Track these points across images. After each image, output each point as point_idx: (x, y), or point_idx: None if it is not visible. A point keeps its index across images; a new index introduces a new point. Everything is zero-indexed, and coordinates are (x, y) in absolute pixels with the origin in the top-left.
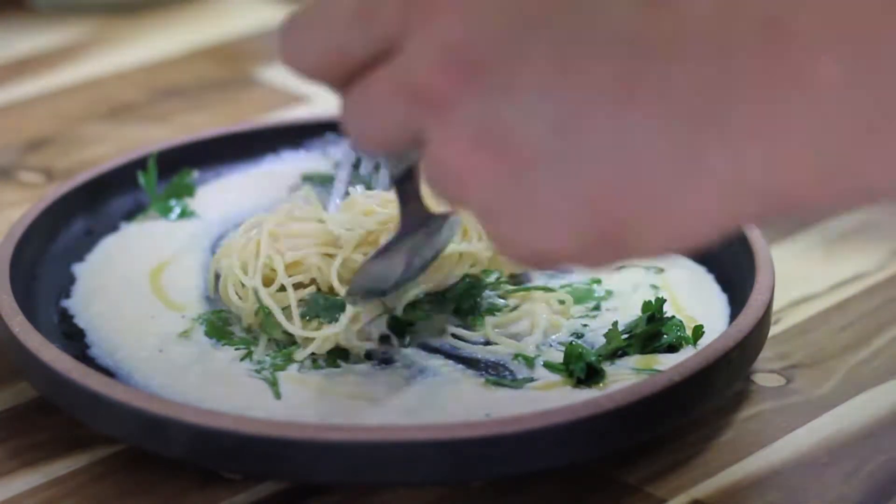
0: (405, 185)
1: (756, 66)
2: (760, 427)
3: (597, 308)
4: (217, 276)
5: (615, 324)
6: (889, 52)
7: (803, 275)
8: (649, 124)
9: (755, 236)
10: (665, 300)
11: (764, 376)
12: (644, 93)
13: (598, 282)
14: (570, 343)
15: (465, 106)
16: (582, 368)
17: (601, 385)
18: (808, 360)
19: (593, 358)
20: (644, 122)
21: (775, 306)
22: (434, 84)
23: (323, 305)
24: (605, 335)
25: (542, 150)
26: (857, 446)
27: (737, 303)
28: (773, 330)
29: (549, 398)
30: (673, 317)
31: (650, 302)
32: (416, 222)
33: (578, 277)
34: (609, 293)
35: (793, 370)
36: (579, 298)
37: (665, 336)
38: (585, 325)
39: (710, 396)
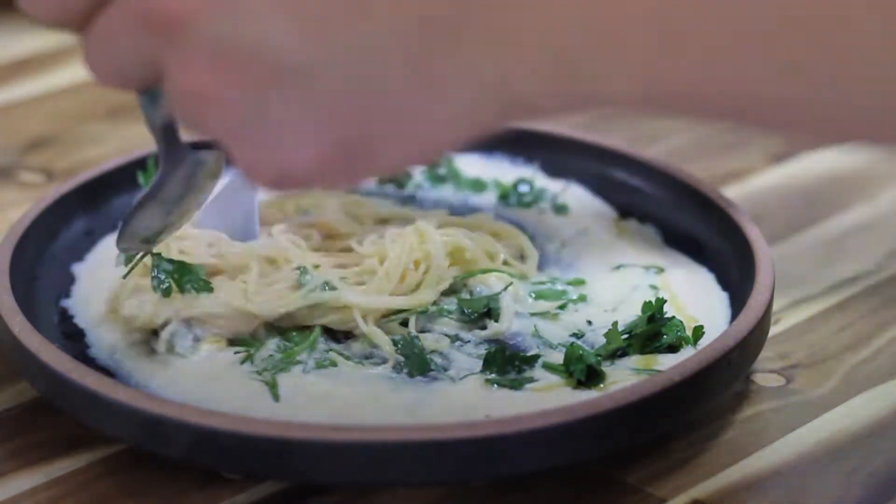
0: (165, 131)
1: None
2: (760, 427)
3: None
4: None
5: (615, 324)
6: None
7: (803, 275)
8: (383, 35)
9: (755, 236)
10: (665, 300)
11: (764, 376)
12: (378, 4)
13: (582, 282)
14: (571, 344)
15: (200, 28)
16: (582, 370)
17: (601, 387)
18: (808, 360)
19: (594, 359)
20: (378, 34)
21: (775, 306)
22: (167, 8)
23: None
24: (605, 335)
25: (278, 68)
26: (857, 446)
27: (737, 303)
28: (773, 330)
29: (549, 399)
30: (673, 317)
31: (650, 302)
32: (177, 165)
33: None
34: (583, 297)
35: (793, 370)
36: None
37: (665, 336)
38: (590, 323)
39: (710, 396)
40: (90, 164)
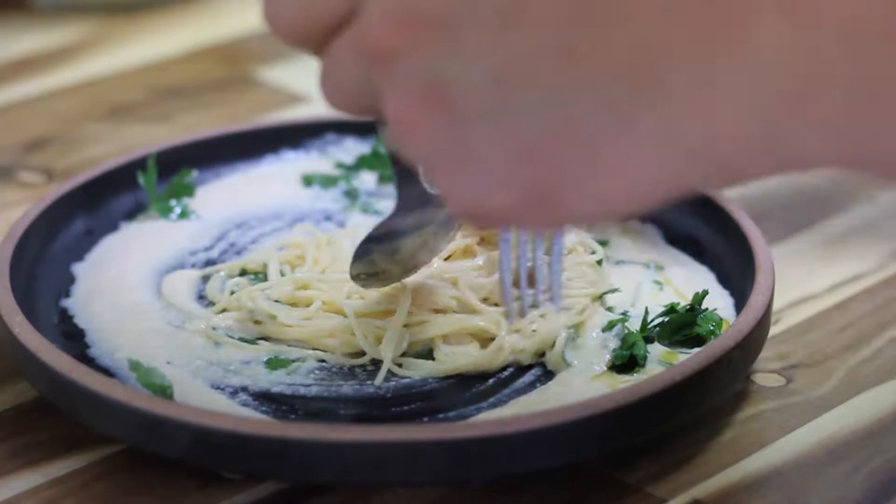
0: (401, 162)
1: (695, 28)
2: (760, 427)
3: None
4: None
5: (646, 311)
6: (827, 17)
7: (803, 275)
8: (587, 81)
9: (755, 236)
10: (707, 292)
11: (764, 376)
12: (584, 51)
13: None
14: (631, 332)
15: (413, 60)
16: (624, 357)
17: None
18: (808, 360)
19: (643, 350)
20: (582, 79)
21: (775, 306)
22: (383, 39)
23: None
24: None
25: (481, 104)
26: (857, 446)
27: (737, 303)
28: (773, 330)
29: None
30: (711, 310)
31: (698, 293)
32: (415, 201)
33: None
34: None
35: (793, 370)
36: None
37: (697, 327)
38: (625, 314)
39: (710, 396)
40: (90, 164)
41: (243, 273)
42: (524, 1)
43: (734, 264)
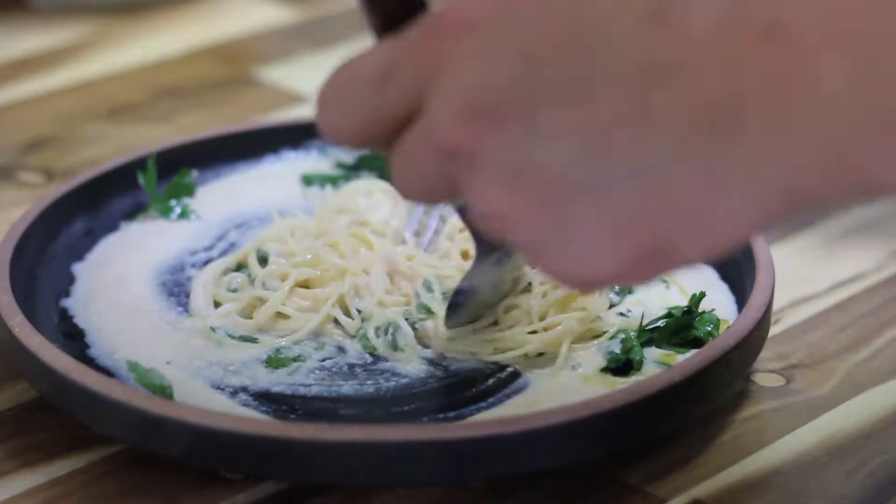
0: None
1: (761, 72)
2: (760, 427)
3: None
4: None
5: (643, 315)
6: (890, 50)
7: (803, 275)
8: (669, 140)
9: (755, 236)
10: (704, 294)
11: (764, 376)
12: (659, 113)
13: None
14: (629, 337)
15: (491, 154)
16: (620, 360)
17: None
18: (808, 360)
19: (639, 355)
20: (664, 138)
21: (775, 306)
22: (457, 140)
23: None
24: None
25: (570, 185)
26: (857, 446)
27: (737, 303)
28: (773, 330)
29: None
30: (704, 312)
31: (695, 295)
32: (490, 245)
33: None
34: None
35: (793, 370)
36: None
37: (695, 329)
38: (627, 312)
39: (710, 396)
40: (90, 164)
41: (239, 268)
42: (592, 70)
43: (734, 264)
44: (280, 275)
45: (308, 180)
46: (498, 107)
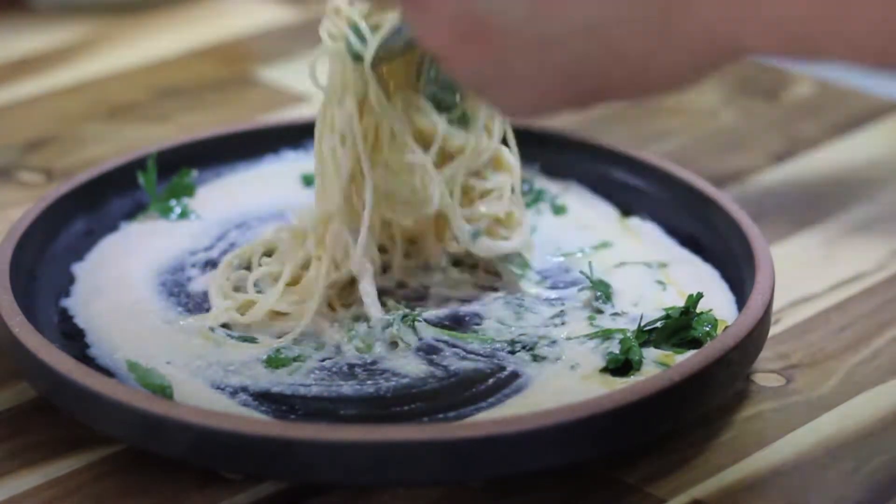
0: None
1: None
2: (760, 427)
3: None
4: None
5: (641, 317)
6: None
7: (803, 275)
8: (623, 6)
9: (755, 236)
10: (702, 295)
11: (764, 376)
12: None
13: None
14: (627, 337)
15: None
16: (619, 361)
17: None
18: (808, 360)
19: (638, 356)
20: (618, 5)
21: (775, 306)
22: None
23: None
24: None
25: (520, 35)
26: (857, 446)
27: (737, 303)
28: (773, 330)
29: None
30: (702, 312)
31: (692, 296)
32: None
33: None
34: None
35: (793, 370)
36: None
37: (693, 330)
38: (617, 315)
39: (710, 396)
40: (90, 164)
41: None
42: None
43: (734, 264)
44: (273, 274)
45: (308, 180)
46: None
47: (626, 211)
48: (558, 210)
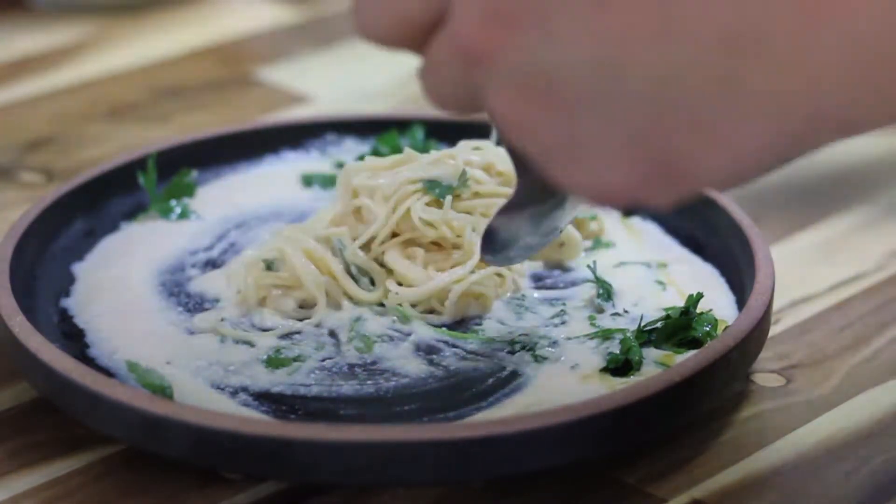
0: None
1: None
2: (760, 427)
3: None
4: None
5: (641, 317)
6: None
7: (803, 275)
8: (689, 54)
9: (755, 236)
10: (702, 295)
11: (764, 376)
12: (679, 23)
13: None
14: (627, 337)
15: (508, 57)
16: (619, 361)
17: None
18: (808, 360)
19: (638, 355)
20: (683, 53)
21: (775, 306)
22: (474, 39)
23: None
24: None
25: (585, 92)
26: (857, 446)
27: (737, 303)
28: (773, 330)
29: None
30: (703, 312)
31: (692, 296)
32: (533, 190)
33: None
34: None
35: (793, 370)
36: None
37: (693, 330)
38: (618, 315)
39: (710, 396)
40: (90, 164)
41: None
42: None
43: (734, 264)
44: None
45: (308, 180)
46: (516, 10)
47: (627, 211)
48: None
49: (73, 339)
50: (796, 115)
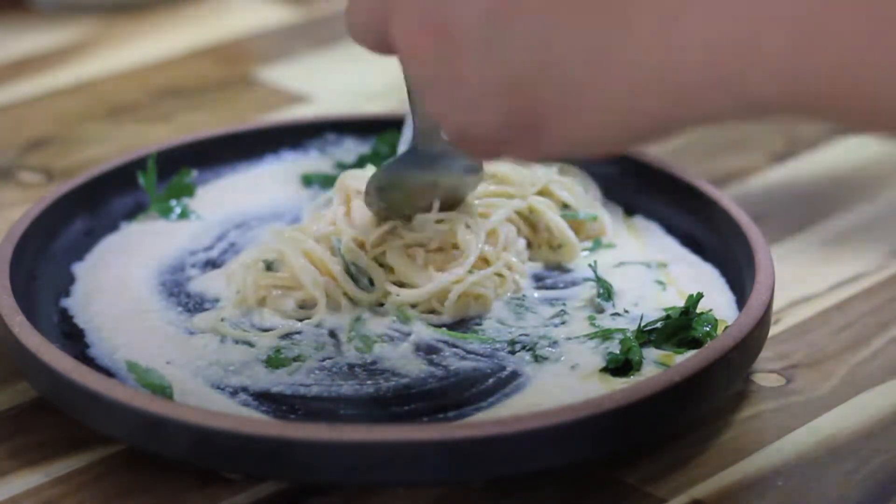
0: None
1: None
2: (760, 427)
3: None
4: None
5: (641, 317)
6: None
7: (803, 275)
8: (569, 22)
9: (755, 236)
10: (702, 295)
11: (764, 376)
12: None
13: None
14: (627, 337)
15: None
16: (619, 361)
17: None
18: (808, 360)
19: (638, 356)
20: (565, 20)
21: (775, 306)
22: None
23: None
24: (638, 327)
25: (473, 34)
26: (857, 446)
27: (737, 303)
28: (773, 330)
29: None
30: (703, 312)
31: (692, 296)
32: (430, 144)
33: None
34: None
35: (793, 370)
36: None
37: (693, 330)
38: (619, 314)
39: (710, 396)
40: (90, 164)
41: None
42: None
43: (734, 264)
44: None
45: (308, 180)
46: None
47: (627, 211)
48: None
49: (73, 339)
50: (650, 88)
